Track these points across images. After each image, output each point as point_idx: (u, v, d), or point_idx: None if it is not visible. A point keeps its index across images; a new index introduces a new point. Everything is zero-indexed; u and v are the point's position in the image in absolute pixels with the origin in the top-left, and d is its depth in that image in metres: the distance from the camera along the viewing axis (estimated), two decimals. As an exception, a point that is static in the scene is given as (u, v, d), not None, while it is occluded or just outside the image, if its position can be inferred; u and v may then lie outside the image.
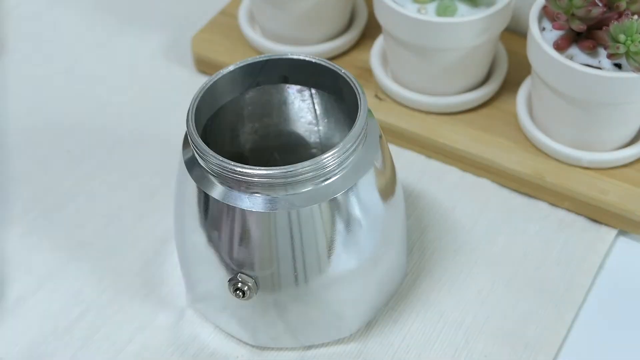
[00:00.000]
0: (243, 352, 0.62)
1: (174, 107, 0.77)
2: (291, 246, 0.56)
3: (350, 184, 0.56)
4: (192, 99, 0.58)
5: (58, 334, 0.63)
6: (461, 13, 0.69)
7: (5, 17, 0.86)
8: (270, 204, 0.55)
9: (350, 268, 0.58)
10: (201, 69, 0.80)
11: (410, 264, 0.66)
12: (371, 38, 0.79)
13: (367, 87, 0.75)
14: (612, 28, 0.63)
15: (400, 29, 0.69)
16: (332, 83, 0.60)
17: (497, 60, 0.75)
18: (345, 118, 0.62)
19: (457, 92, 0.73)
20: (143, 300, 0.65)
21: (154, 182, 0.72)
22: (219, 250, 0.58)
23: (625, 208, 0.67)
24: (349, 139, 0.55)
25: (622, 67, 0.64)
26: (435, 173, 0.72)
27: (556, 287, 0.65)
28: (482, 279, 0.65)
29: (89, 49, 0.83)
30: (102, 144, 0.75)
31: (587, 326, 0.63)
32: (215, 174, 0.56)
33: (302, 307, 0.59)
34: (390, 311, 0.64)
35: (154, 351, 0.62)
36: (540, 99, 0.69)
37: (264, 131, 0.65)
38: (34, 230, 0.69)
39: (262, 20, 0.78)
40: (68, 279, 0.66)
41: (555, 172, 0.69)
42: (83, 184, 0.72)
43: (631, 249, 0.68)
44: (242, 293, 0.58)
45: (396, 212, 0.61)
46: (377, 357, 0.62)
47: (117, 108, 0.78)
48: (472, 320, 0.63)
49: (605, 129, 0.68)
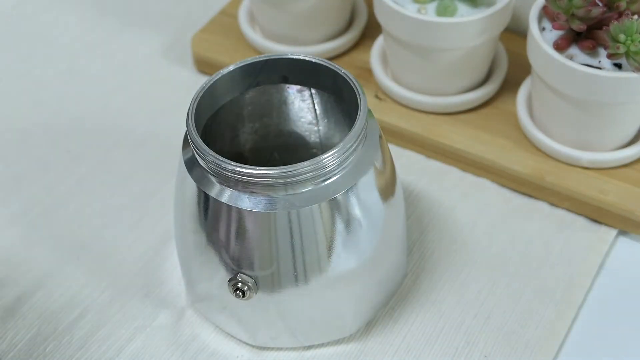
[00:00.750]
0: (243, 352, 0.62)
1: (174, 107, 0.77)
2: (291, 246, 0.56)
3: (350, 184, 0.56)
4: (192, 99, 0.58)
5: (58, 334, 0.63)
6: (461, 13, 0.69)
7: (5, 17, 0.86)
8: (270, 204, 0.55)
9: (350, 268, 0.58)
10: (201, 69, 0.80)
11: (410, 264, 0.66)
12: (371, 38, 0.79)
13: (367, 87, 0.75)
14: (612, 28, 0.63)
15: (400, 29, 0.69)
16: (332, 83, 0.60)
17: (497, 60, 0.75)
18: (345, 118, 0.62)
19: (457, 92, 0.73)
20: (143, 300, 0.65)
21: (154, 182, 0.72)
22: (219, 250, 0.58)
23: (625, 208, 0.67)
24: (349, 139, 0.55)
25: (622, 67, 0.64)
26: (435, 173, 0.72)
27: (556, 287, 0.65)
28: (482, 279, 0.65)
29: (88, 49, 0.83)
30: (102, 144, 0.75)
31: (587, 326, 0.63)
32: (215, 174, 0.56)
33: (302, 307, 0.59)
34: (390, 311, 0.64)
35: (154, 351, 0.62)
36: (540, 99, 0.69)
37: (264, 131, 0.65)
38: (34, 230, 0.69)
39: (262, 20, 0.78)
40: (68, 279, 0.66)
41: (555, 172, 0.69)
42: (83, 184, 0.72)
43: (631, 249, 0.68)
44: (242, 293, 0.58)
45: (396, 212, 0.61)
46: (377, 357, 0.62)
47: (117, 108, 0.78)
48: (472, 320, 0.63)
49: (605, 129, 0.68)
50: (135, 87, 0.80)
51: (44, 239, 0.69)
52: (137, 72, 0.81)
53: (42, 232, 0.69)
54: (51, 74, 0.81)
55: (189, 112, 0.57)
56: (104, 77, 0.81)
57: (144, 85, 0.80)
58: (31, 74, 0.81)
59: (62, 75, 0.81)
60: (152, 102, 0.79)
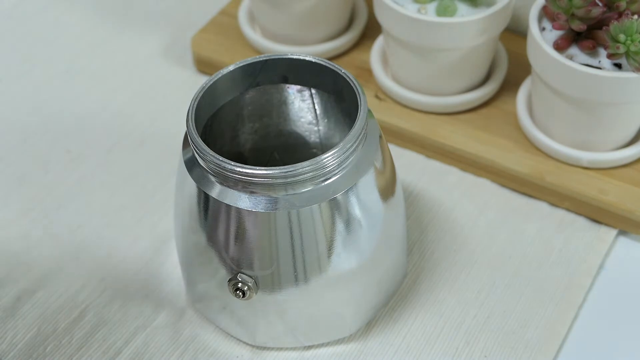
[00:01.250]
0: (243, 352, 0.62)
1: (174, 107, 0.77)
2: (291, 246, 0.56)
3: (350, 184, 0.56)
4: (192, 99, 0.58)
5: (58, 334, 0.63)
6: (461, 13, 0.69)
7: (5, 17, 0.86)
8: (270, 204, 0.55)
9: (350, 268, 0.58)
10: (201, 69, 0.80)
11: (410, 264, 0.66)
12: (371, 38, 0.79)
13: (367, 87, 0.75)
14: (612, 28, 0.63)
15: (400, 29, 0.69)
16: (332, 83, 0.60)
17: (497, 60, 0.75)
18: (345, 118, 0.62)
19: (457, 92, 0.73)
20: (143, 300, 0.65)
21: (154, 182, 0.72)
22: (219, 250, 0.58)
23: (625, 208, 0.67)
24: (349, 139, 0.55)
25: (622, 67, 0.64)
26: (435, 173, 0.72)
27: (556, 287, 0.65)
28: (482, 279, 0.65)
29: (88, 49, 0.83)
30: (102, 144, 0.75)
31: (587, 326, 0.63)
32: (215, 173, 0.56)
33: (302, 307, 0.59)
34: (390, 311, 0.64)
35: (154, 351, 0.62)
36: (540, 99, 0.69)
37: (264, 131, 0.65)
38: (34, 230, 0.69)
39: (262, 20, 0.78)
40: (68, 279, 0.66)
41: (555, 172, 0.69)
42: (83, 184, 0.72)
43: (631, 249, 0.68)
44: (242, 293, 0.58)
45: (396, 212, 0.61)
46: (377, 357, 0.62)
47: (117, 108, 0.78)
48: (472, 320, 0.63)
49: (605, 129, 0.68)
50: (135, 87, 0.80)
51: (44, 239, 0.69)
52: (137, 72, 0.81)
53: (42, 232, 0.69)
54: (51, 74, 0.81)
55: (189, 112, 0.57)
56: (104, 77, 0.81)
57: (144, 85, 0.80)
58: (31, 74, 0.81)
59: (62, 75, 0.81)
60: (152, 102, 0.79)
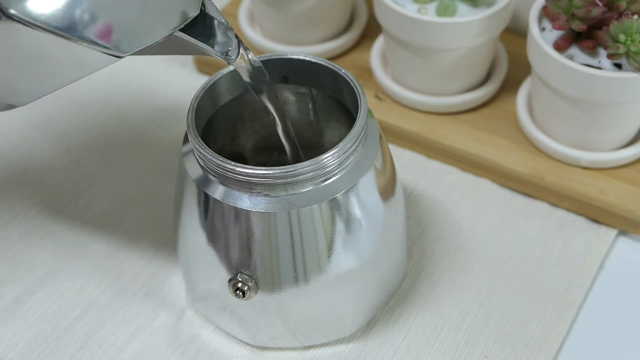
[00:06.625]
0: (243, 352, 0.62)
1: (174, 107, 0.77)
2: (291, 246, 0.56)
3: (350, 184, 0.56)
4: (192, 99, 0.58)
5: (58, 334, 0.63)
6: (461, 13, 0.69)
7: (5, 17, 0.86)
8: (270, 204, 0.55)
9: (350, 268, 0.58)
10: (201, 68, 0.80)
11: (410, 264, 0.66)
12: (371, 38, 0.79)
13: (367, 87, 0.75)
14: (612, 28, 0.63)
15: (400, 29, 0.69)
16: (332, 83, 0.60)
17: (497, 60, 0.75)
18: (345, 118, 0.62)
19: (457, 92, 0.73)
20: (143, 300, 0.65)
21: (154, 182, 0.72)
22: (219, 250, 0.58)
23: (625, 208, 0.67)
24: (349, 139, 0.55)
25: (622, 67, 0.64)
26: (435, 173, 0.72)
27: (556, 287, 0.65)
28: (482, 279, 0.65)
29: (89, 49, 0.83)
30: (102, 144, 0.75)
31: (587, 326, 0.63)
32: (215, 173, 0.56)
33: (302, 307, 0.59)
34: (390, 311, 0.64)
35: (154, 351, 0.62)
36: (540, 99, 0.69)
37: (264, 131, 0.65)
38: (34, 230, 0.69)
39: (262, 20, 0.78)
40: (68, 279, 0.66)
41: (555, 172, 0.69)
42: (83, 184, 0.72)
43: (631, 249, 0.68)
44: (242, 293, 0.58)
45: (396, 212, 0.61)
46: (377, 357, 0.62)
47: (117, 108, 0.78)
48: (472, 320, 0.63)
49: (605, 129, 0.68)
50: (135, 87, 0.80)
51: (44, 239, 0.69)
52: (137, 72, 0.81)
53: (42, 232, 0.69)
54: (51, 74, 0.81)
55: (189, 112, 0.57)
56: (104, 77, 0.81)
57: (144, 85, 0.80)
58: (31, 74, 0.81)
59: (62, 75, 0.81)
60: (152, 102, 0.78)
